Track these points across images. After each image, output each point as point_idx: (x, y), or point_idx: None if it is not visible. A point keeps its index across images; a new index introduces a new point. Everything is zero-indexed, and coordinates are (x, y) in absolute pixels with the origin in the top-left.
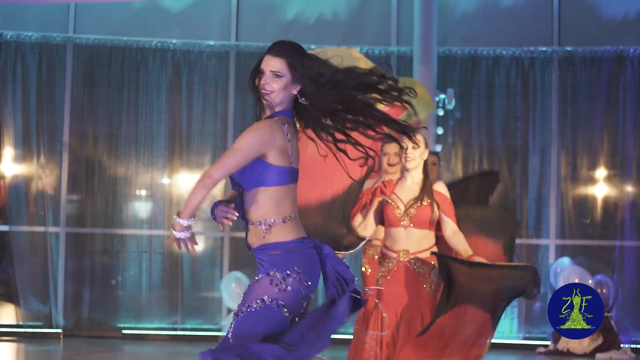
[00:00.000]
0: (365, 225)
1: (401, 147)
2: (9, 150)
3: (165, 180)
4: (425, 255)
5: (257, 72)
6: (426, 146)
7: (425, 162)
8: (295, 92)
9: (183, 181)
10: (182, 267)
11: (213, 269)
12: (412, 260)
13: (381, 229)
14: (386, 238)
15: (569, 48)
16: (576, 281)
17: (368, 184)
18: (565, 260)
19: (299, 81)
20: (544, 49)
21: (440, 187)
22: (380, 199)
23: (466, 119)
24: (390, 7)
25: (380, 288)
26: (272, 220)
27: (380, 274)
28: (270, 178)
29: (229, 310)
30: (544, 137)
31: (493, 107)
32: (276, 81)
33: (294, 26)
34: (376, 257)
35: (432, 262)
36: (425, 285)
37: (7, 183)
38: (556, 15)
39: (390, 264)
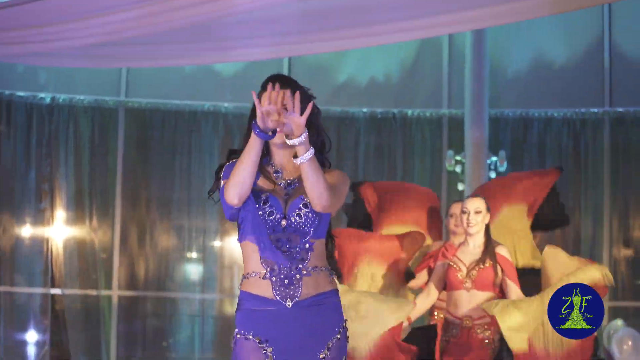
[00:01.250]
0: (428, 292)
1: (462, 212)
2: (61, 213)
3: (217, 243)
4: (490, 319)
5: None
6: (488, 210)
7: (487, 226)
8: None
9: (235, 244)
10: None
11: None
12: (476, 327)
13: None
14: (448, 304)
15: (620, 109)
16: (629, 344)
17: (435, 246)
18: (618, 322)
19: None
20: (595, 110)
21: (503, 251)
22: (443, 262)
23: None
24: (441, 70)
25: None
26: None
27: (444, 339)
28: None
29: None
30: (595, 198)
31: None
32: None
33: (345, 89)
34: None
35: (496, 328)
36: (489, 351)
37: (59, 246)
38: (607, 76)
39: (454, 330)
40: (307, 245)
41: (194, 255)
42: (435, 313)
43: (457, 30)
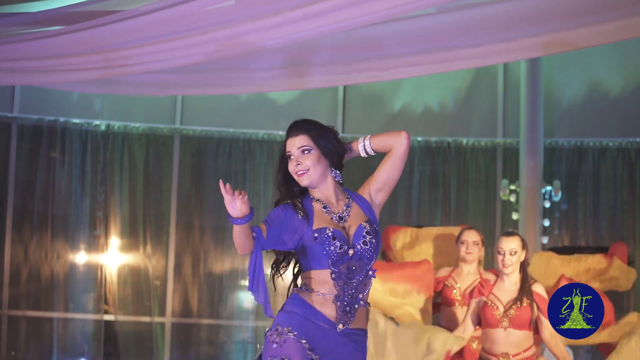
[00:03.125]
0: (465, 327)
1: (498, 252)
2: (115, 240)
3: (269, 271)
4: (526, 355)
5: (284, 164)
6: (523, 248)
7: (523, 264)
8: (327, 163)
9: (288, 272)
10: None
11: None
12: None
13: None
14: (484, 340)
15: None
16: None
17: (443, 272)
18: None
19: (326, 152)
20: None
21: (539, 289)
22: (478, 299)
23: (572, 210)
24: (496, 98)
25: None
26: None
27: None
28: None
29: None
30: None
31: (599, 199)
32: (308, 157)
33: (400, 118)
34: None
35: None
36: None
37: (113, 273)
38: None
39: None
40: (370, 272)
41: (246, 282)
42: (474, 344)
43: (513, 59)
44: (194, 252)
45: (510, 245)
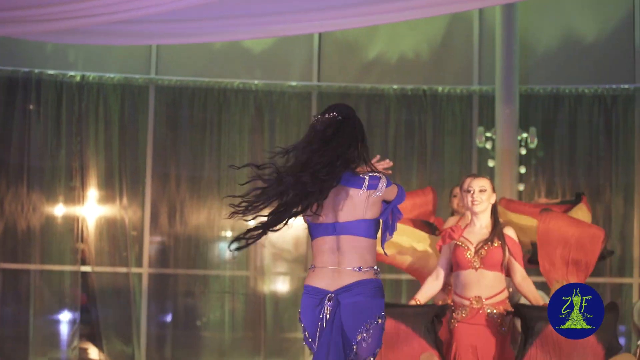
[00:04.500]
0: (437, 275)
1: (467, 191)
2: (91, 191)
3: (248, 221)
4: (499, 299)
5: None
6: (493, 190)
7: (494, 206)
8: None
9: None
10: (265, 308)
11: (296, 309)
12: (486, 307)
13: None
14: (456, 285)
15: None
16: None
17: (451, 222)
18: None
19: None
20: (626, 86)
21: (510, 232)
22: (449, 244)
23: (548, 157)
24: (472, 46)
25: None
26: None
27: (453, 322)
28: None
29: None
30: (627, 175)
31: (575, 146)
32: None
33: (375, 66)
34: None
35: (507, 307)
36: (502, 328)
37: (90, 224)
38: (638, 52)
39: (463, 312)
40: None
41: (224, 233)
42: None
43: (487, 4)
44: (170, 202)
45: (479, 183)
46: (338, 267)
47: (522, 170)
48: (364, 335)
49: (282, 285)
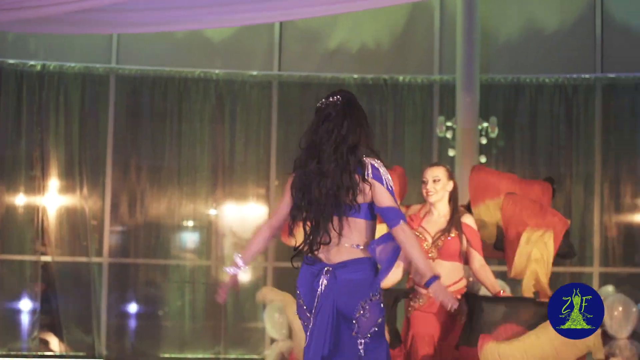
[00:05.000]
0: (397, 263)
1: (422, 182)
2: (52, 181)
3: (209, 211)
4: (456, 287)
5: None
6: (449, 178)
7: (452, 194)
8: None
9: (226, 211)
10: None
11: (255, 300)
12: None
13: None
14: (415, 274)
15: (611, 75)
16: (620, 309)
17: (413, 210)
18: (609, 289)
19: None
20: (587, 76)
21: (468, 220)
22: None
23: (509, 147)
24: (432, 36)
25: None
26: None
27: (410, 309)
28: None
29: (272, 340)
30: (587, 165)
31: (536, 135)
32: None
33: (336, 55)
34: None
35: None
36: (456, 321)
37: (51, 214)
38: (599, 42)
39: (420, 300)
40: None
41: (185, 222)
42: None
43: None
44: (130, 192)
45: (433, 173)
46: (338, 242)
47: (483, 159)
48: (362, 312)
49: (242, 275)
